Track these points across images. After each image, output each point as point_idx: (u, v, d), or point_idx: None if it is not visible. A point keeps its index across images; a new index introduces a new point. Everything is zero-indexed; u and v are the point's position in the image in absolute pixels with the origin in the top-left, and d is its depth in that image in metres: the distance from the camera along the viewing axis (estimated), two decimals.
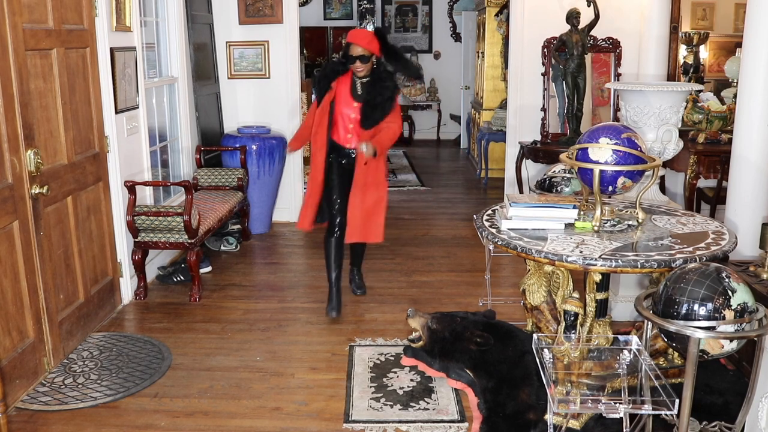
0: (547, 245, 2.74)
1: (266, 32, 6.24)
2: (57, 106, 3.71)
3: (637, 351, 2.34)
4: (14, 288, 3.28)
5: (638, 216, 3.06)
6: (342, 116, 4.18)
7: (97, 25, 4.13)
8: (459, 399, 3.32)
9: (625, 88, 3.94)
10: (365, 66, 4.05)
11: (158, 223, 4.43)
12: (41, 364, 3.52)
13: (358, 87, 4.14)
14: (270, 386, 3.46)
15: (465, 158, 10.32)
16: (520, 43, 6.26)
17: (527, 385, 2.94)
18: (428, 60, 11.82)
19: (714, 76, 6.17)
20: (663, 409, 2.13)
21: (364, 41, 4.00)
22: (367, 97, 4.08)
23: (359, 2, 11.73)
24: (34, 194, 3.42)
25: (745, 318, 2.13)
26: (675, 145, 3.84)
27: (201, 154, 5.79)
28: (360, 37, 4.03)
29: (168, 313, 4.38)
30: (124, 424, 3.13)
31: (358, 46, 4.00)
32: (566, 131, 5.97)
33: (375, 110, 4.05)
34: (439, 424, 3.13)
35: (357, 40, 4.01)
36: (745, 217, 3.58)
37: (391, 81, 4.10)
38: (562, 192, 3.78)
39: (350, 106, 4.14)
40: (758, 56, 3.47)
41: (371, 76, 4.11)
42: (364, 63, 4.03)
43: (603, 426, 2.80)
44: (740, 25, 5.05)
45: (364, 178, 4.14)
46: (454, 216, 6.87)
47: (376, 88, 4.05)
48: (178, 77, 5.58)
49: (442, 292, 4.71)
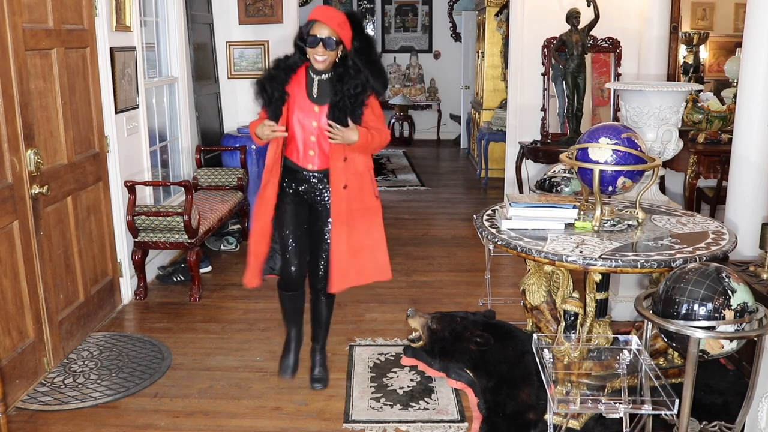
0: (547, 245, 2.74)
1: (266, 32, 6.25)
2: (57, 106, 3.71)
3: (637, 351, 2.34)
4: (14, 288, 3.28)
5: (638, 216, 3.06)
6: (299, 126, 3.11)
7: (97, 25, 4.13)
8: (459, 399, 3.32)
9: (625, 88, 3.94)
10: (329, 54, 3.00)
11: (158, 223, 4.43)
12: (41, 364, 3.52)
13: (315, 86, 3.10)
14: (270, 386, 3.46)
15: (465, 158, 10.32)
16: (520, 43, 6.26)
17: (527, 385, 2.94)
18: (428, 60, 11.83)
19: (714, 76, 6.17)
20: (663, 409, 2.13)
21: (333, 21, 2.96)
22: (333, 97, 3.02)
23: (359, 2, 11.74)
24: (34, 194, 3.42)
25: (745, 318, 2.13)
26: (675, 145, 3.84)
27: (201, 154, 5.79)
28: (329, 15, 2.98)
29: (168, 313, 4.38)
30: (124, 424, 3.13)
31: (325, 26, 2.96)
32: (566, 131, 5.97)
33: (346, 114, 3.00)
34: (439, 424, 3.12)
35: (325, 19, 2.96)
36: (745, 217, 3.58)
37: (362, 77, 3.03)
38: (562, 192, 3.78)
39: (308, 112, 3.09)
40: (758, 56, 3.47)
41: (334, 71, 3.07)
42: (328, 49, 2.98)
43: (603, 426, 2.80)
44: (740, 25, 5.05)
45: (346, 205, 3.11)
46: (454, 216, 6.87)
47: (344, 85, 3.01)
48: (178, 77, 5.58)
49: (442, 292, 4.71)
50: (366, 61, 3.05)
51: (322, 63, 3.02)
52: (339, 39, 2.99)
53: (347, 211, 3.12)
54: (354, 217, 3.14)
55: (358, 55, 3.05)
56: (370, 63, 3.07)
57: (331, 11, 3.01)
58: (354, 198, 3.13)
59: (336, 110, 3.00)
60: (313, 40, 2.98)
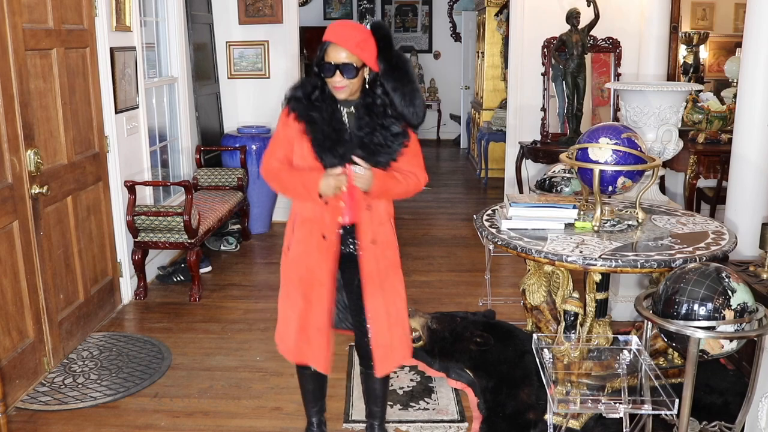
0: (547, 245, 2.74)
1: (266, 32, 6.25)
2: (57, 106, 3.70)
3: (637, 351, 2.34)
4: (14, 288, 3.28)
5: (638, 216, 3.06)
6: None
7: (97, 25, 4.13)
8: (459, 399, 3.31)
9: (625, 88, 3.94)
10: (350, 82, 2.42)
11: (158, 223, 4.43)
12: (41, 364, 3.52)
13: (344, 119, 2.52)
14: (270, 386, 3.46)
15: (465, 158, 10.32)
16: (520, 43, 6.26)
17: (527, 385, 2.95)
18: (428, 60, 11.83)
19: (714, 76, 6.17)
20: (663, 409, 2.13)
21: (351, 42, 2.38)
22: (359, 133, 2.46)
23: (359, 2, 11.74)
24: (34, 194, 3.42)
25: (745, 318, 2.13)
26: (675, 145, 3.84)
27: (201, 154, 5.79)
28: (345, 35, 2.40)
29: (168, 313, 4.38)
30: (124, 424, 3.13)
31: (342, 49, 2.38)
32: (566, 131, 5.97)
33: (377, 153, 2.46)
34: (439, 424, 3.12)
35: (340, 40, 2.39)
36: (745, 217, 3.58)
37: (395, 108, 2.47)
38: (562, 192, 3.78)
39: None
40: (758, 56, 3.47)
41: (362, 99, 2.50)
42: (348, 77, 2.40)
43: (603, 426, 2.80)
44: (740, 25, 5.05)
45: (376, 264, 2.58)
46: (454, 216, 6.87)
47: (373, 117, 2.46)
48: (178, 77, 5.58)
49: (442, 292, 4.71)
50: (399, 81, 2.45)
51: (342, 92, 2.44)
52: (361, 62, 2.40)
53: (378, 271, 2.59)
54: (387, 277, 2.63)
55: (387, 78, 2.45)
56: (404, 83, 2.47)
57: (347, 29, 2.42)
58: (380, 252, 2.60)
59: (366, 150, 2.44)
60: (328, 68, 2.40)
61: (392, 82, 2.45)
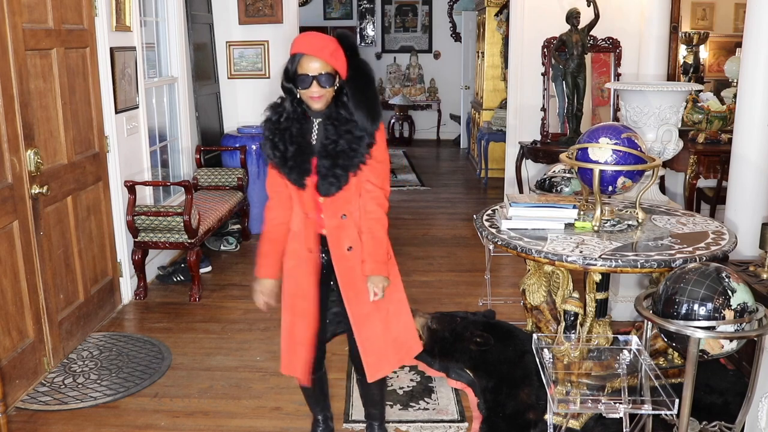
0: (547, 245, 2.74)
1: (266, 32, 6.25)
2: (57, 106, 3.70)
3: (637, 351, 2.34)
4: (14, 288, 3.28)
5: (638, 216, 3.06)
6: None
7: (97, 25, 4.13)
8: (459, 399, 3.32)
9: (625, 88, 3.94)
10: (326, 92, 2.40)
11: (158, 223, 4.43)
12: (41, 364, 3.52)
13: (314, 131, 2.49)
14: (270, 386, 3.46)
15: (465, 158, 10.32)
16: (520, 43, 6.26)
17: (527, 385, 2.94)
18: (428, 60, 11.83)
19: (714, 76, 6.17)
20: (663, 409, 2.13)
21: (324, 52, 2.37)
22: (325, 142, 2.45)
23: (359, 2, 11.74)
24: (34, 194, 3.42)
25: (745, 318, 2.12)
26: (675, 145, 3.84)
27: (201, 154, 5.79)
28: (318, 45, 2.38)
29: (168, 313, 4.38)
30: (124, 424, 3.14)
31: (317, 59, 2.36)
32: (566, 131, 5.97)
33: (336, 161, 2.43)
34: (439, 424, 3.13)
35: (314, 51, 2.37)
36: (745, 217, 3.58)
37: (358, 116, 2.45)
38: (562, 192, 3.78)
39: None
40: (758, 56, 3.47)
41: (329, 109, 2.46)
42: (326, 86, 2.39)
43: (603, 426, 2.80)
44: (740, 25, 5.04)
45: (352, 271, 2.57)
46: (454, 216, 6.87)
47: (338, 125, 2.44)
48: (178, 77, 5.58)
49: (442, 292, 4.71)
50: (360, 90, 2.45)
51: (319, 102, 2.42)
52: (335, 71, 2.40)
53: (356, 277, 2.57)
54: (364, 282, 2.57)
55: (351, 84, 2.45)
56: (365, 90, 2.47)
57: (318, 40, 2.40)
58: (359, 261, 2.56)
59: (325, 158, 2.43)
60: (304, 79, 2.38)
61: (355, 89, 2.46)
